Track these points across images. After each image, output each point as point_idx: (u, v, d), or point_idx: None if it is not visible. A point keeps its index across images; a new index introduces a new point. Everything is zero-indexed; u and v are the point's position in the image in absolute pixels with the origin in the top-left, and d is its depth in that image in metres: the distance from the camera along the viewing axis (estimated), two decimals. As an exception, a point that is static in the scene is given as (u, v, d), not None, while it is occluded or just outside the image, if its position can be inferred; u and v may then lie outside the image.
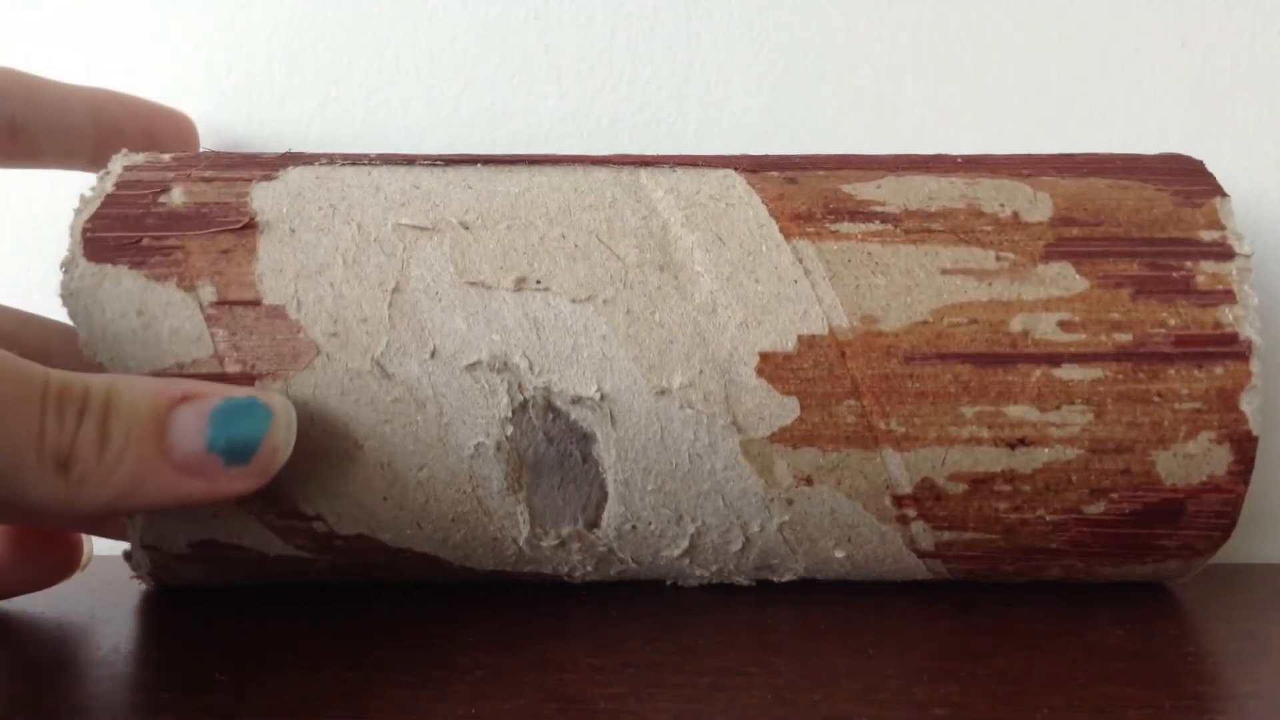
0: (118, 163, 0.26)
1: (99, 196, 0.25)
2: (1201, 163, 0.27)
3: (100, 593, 0.28)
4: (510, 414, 0.24)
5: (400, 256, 0.25)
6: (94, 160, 0.30)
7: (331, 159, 0.27)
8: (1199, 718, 0.21)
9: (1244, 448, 0.25)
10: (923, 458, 0.24)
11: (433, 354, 0.24)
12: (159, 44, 0.34)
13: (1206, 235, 0.25)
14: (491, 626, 0.25)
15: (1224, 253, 0.25)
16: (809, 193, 0.26)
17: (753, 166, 0.27)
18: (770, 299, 0.24)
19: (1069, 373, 0.24)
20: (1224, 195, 0.26)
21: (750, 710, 0.21)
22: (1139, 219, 0.26)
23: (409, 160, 0.27)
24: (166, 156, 0.27)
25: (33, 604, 0.27)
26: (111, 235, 0.25)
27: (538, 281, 0.24)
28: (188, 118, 0.32)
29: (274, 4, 0.34)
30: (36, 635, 0.25)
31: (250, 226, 0.25)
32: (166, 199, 0.25)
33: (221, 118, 0.34)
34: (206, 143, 0.34)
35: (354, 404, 0.24)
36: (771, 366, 0.24)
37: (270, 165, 0.26)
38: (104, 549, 0.29)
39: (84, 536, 0.28)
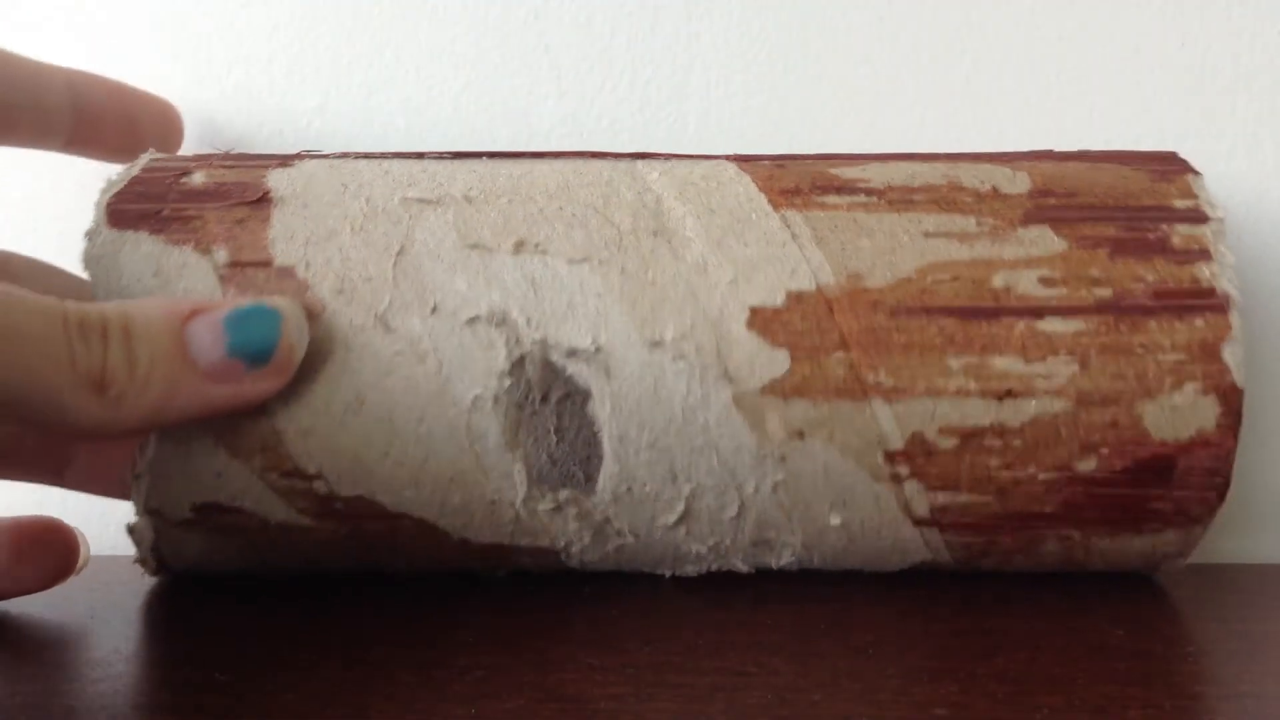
0: (145, 156, 0.28)
1: (124, 179, 0.27)
2: (1175, 153, 0.28)
3: (100, 593, 0.28)
4: (508, 367, 0.25)
5: (406, 224, 0.26)
6: (70, 141, 0.30)
7: (344, 155, 0.28)
8: (1198, 717, 0.21)
9: (1230, 399, 0.25)
10: (912, 410, 0.25)
11: (433, 310, 0.25)
12: (159, 43, 0.34)
13: (1180, 203, 0.26)
14: (491, 626, 0.25)
15: (1198, 217, 0.26)
16: (797, 174, 0.27)
17: (744, 160, 0.28)
18: (759, 260, 0.25)
19: (1051, 325, 0.25)
20: (1196, 173, 0.27)
21: (750, 710, 0.21)
22: (1115, 191, 0.26)
23: (418, 156, 0.28)
24: (190, 154, 0.28)
25: (33, 604, 0.27)
26: (134, 207, 0.26)
27: (536, 245, 0.25)
28: (172, 106, 0.32)
29: (274, 4, 0.34)
30: (36, 635, 0.25)
31: (265, 200, 0.26)
32: (188, 180, 0.27)
33: (221, 118, 0.34)
34: (205, 142, 0.34)
35: (357, 357, 0.25)
36: (761, 320, 0.25)
37: (287, 158, 0.28)
38: (103, 549, 0.29)
39: (81, 539, 0.28)
